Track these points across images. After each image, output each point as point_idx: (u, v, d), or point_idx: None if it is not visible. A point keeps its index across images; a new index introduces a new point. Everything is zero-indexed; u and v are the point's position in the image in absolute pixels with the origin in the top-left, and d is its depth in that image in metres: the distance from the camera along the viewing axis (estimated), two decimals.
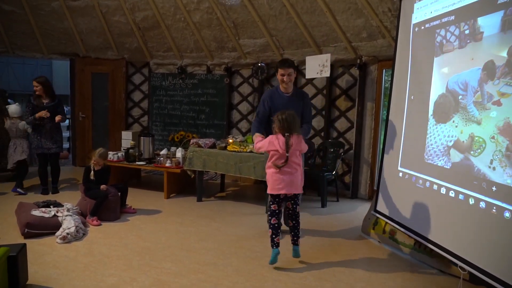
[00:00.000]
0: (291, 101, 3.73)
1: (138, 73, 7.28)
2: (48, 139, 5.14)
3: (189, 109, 6.95)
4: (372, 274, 3.14)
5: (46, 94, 5.13)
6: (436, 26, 3.11)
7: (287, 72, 3.66)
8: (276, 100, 3.78)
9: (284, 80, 3.69)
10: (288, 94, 3.78)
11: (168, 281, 2.89)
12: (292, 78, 3.73)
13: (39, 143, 5.13)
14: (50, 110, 5.03)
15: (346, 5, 4.97)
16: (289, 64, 3.71)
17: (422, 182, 3.18)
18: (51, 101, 5.15)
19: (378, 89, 5.45)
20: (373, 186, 5.47)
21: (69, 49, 7.00)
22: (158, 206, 4.89)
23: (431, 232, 3.02)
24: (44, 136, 5.12)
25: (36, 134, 5.12)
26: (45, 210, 3.96)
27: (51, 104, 5.12)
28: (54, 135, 5.18)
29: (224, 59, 6.57)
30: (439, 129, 3.02)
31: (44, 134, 5.11)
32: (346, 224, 4.45)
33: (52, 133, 5.16)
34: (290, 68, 3.67)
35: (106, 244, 3.58)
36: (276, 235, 3.15)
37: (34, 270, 2.93)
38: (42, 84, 5.08)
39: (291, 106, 3.58)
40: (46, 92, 5.12)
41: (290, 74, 3.68)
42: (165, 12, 6.14)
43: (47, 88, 5.14)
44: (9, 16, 6.35)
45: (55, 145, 5.21)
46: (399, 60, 3.73)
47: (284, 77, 3.68)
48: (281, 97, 3.78)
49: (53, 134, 5.17)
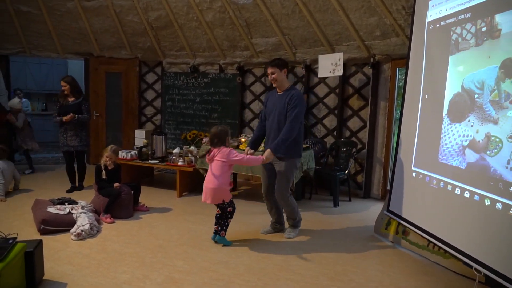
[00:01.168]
0: (278, 99, 3.68)
1: (151, 72, 7.34)
2: (73, 137, 5.22)
3: (201, 108, 6.98)
4: (384, 274, 3.11)
5: (72, 93, 5.23)
6: (452, 23, 3.06)
7: (270, 71, 3.64)
8: (270, 99, 3.80)
9: (270, 79, 3.69)
10: (279, 93, 3.72)
11: (180, 279, 2.92)
12: (277, 77, 3.62)
13: (65, 141, 5.23)
14: (75, 108, 5.15)
15: (359, 3, 4.93)
16: (274, 63, 3.63)
17: (436, 182, 3.14)
18: (76, 99, 5.24)
19: (392, 88, 5.39)
20: (386, 186, 5.42)
21: (83, 49, 7.09)
22: (170, 204, 4.92)
23: (445, 233, 2.98)
24: (69, 134, 5.21)
25: (62, 133, 5.23)
26: (60, 207, 4.03)
27: (76, 102, 5.20)
28: (78, 132, 5.26)
29: (236, 58, 6.58)
30: (454, 129, 2.97)
31: (69, 132, 5.20)
32: (359, 224, 4.42)
33: (77, 130, 5.24)
34: (273, 68, 3.61)
35: (119, 241, 3.63)
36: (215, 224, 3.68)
37: (50, 266, 2.99)
38: (69, 84, 5.20)
39: (277, 104, 3.66)
40: (73, 91, 5.23)
41: (273, 73, 3.61)
42: (178, 11, 6.17)
43: (74, 87, 5.25)
44: (26, 16, 6.47)
45: (80, 143, 5.29)
46: (413, 58, 3.68)
47: (269, 76, 3.67)
48: (274, 97, 3.77)
49: (78, 131, 5.25)
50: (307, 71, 6.08)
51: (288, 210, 3.83)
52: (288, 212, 3.86)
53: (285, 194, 3.72)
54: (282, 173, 3.67)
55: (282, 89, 3.69)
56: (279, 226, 4.00)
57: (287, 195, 3.73)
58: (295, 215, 3.87)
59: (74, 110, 5.13)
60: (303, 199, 5.39)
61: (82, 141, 5.31)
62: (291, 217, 3.89)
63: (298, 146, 3.70)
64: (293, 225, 3.93)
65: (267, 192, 3.88)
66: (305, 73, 6.11)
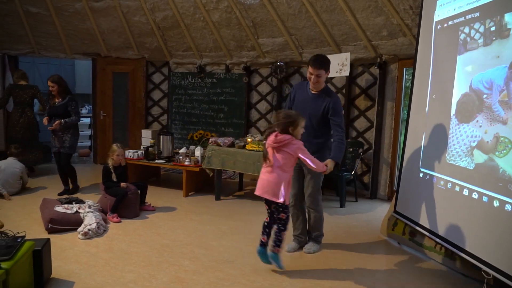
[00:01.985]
0: (313, 100, 3.34)
1: (158, 72, 7.37)
2: (57, 139, 4.98)
3: (208, 108, 6.99)
4: (391, 276, 3.10)
5: (59, 93, 4.93)
6: (460, 23, 3.04)
7: (316, 73, 3.21)
8: (300, 94, 3.43)
9: (311, 80, 3.28)
10: (314, 92, 3.36)
11: (186, 278, 2.92)
12: (321, 80, 3.25)
13: (53, 142, 5.06)
14: (61, 110, 4.88)
15: (366, 3, 4.90)
16: (321, 64, 3.21)
17: (444, 183, 3.11)
18: (63, 100, 4.93)
19: (399, 88, 5.36)
20: (392, 187, 5.39)
21: (91, 49, 7.14)
22: (176, 204, 4.94)
23: (453, 235, 2.95)
24: (55, 135, 4.99)
25: (51, 133, 5.03)
26: (67, 206, 4.06)
27: (62, 103, 4.91)
28: (63, 134, 4.96)
29: (243, 58, 6.59)
30: (462, 129, 2.95)
31: (55, 133, 4.96)
32: (365, 224, 4.40)
33: (61, 133, 4.95)
34: (321, 70, 3.20)
35: (126, 240, 3.65)
36: (263, 234, 3.06)
37: (58, 264, 3.01)
38: (57, 83, 4.89)
39: (311, 105, 3.33)
40: (60, 91, 4.92)
41: (320, 76, 3.22)
42: (185, 11, 6.19)
43: (62, 87, 4.93)
44: (35, 17, 6.52)
45: (63, 145, 4.99)
46: (420, 58, 3.66)
47: (312, 77, 3.25)
48: (306, 94, 3.39)
49: (62, 134, 4.96)
50: None
51: (317, 217, 3.48)
52: (316, 221, 3.50)
53: (319, 198, 3.45)
54: (317, 175, 3.35)
55: (319, 89, 3.34)
56: (304, 239, 3.59)
57: (320, 200, 3.47)
58: (321, 226, 3.55)
59: (60, 112, 4.86)
60: None
61: (65, 142, 4.98)
62: (317, 228, 3.53)
63: (328, 150, 3.38)
64: (316, 238, 3.56)
65: (298, 197, 3.51)
66: None
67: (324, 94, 3.33)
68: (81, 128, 8.89)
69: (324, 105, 3.28)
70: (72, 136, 5.04)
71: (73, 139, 5.06)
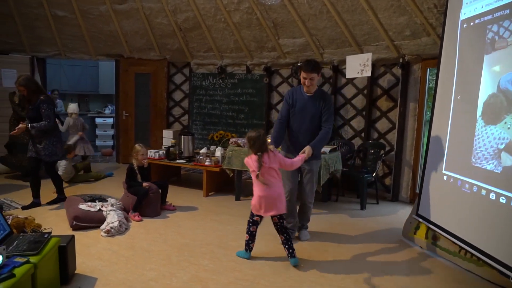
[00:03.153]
0: (310, 101, 3.60)
1: (179, 73, 7.46)
2: (38, 145, 4.43)
3: (228, 108, 7.03)
4: (413, 280, 3.04)
5: (30, 96, 4.37)
6: (488, 21, 2.95)
7: (309, 76, 3.47)
8: (297, 99, 3.66)
9: (305, 84, 3.54)
10: (309, 94, 3.62)
11: (205, 277, 2.94)
12: (314, 82, 3.55)
13: (30, 146, 4.52)
14: (34, 114, 4.34)
15: (389, 3, 4.83)
16: (313, 68, 3.48)
17: (469, 187, 3.03)
18: (34, 102, 4.36)
19: (422, 89, 5.26)
20: (415, 189, 5.28)
21: (114, 51, 7.29)
22: (197, 203, 4.98)
23: (479, 240, 2.87)
24: (35, 141, 4.45)
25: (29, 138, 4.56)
26: (91, 204, 4.16)
27: (34, 106, 4.35)
28: (37, 141, 4.42)
29: (263, 59, 6.59)
30: (488, 131, 2.86)
31: (35, 138, 4.45)
32: (386, 227, 4.33)
33: (42, 138, 4.41)
34: (313, 73, 3.48)
35: (147, 239, 3.70)
36: (252, 241, 3.34)
37: (81, 260, 3.08)
38: (25, 86, 4.32)
39: (309, 106, 3.59)
40: (30, 94, 4.36)
41: (313, 79, 3.50)
42: (206, 13, 6.24)
43: (31, 89, 4.36)
44: (62, 20, 6.71)
45: (40, 154, 4.43)
46: (445, 58, 3.58)
47: (306, 81, 3.51)
48: (302, 97, 3.64)
49: (37, 140, 4.42)
50: (334, 72, 6.01)
51: (310, 209, 3.86)
52: (309, 213, 3.87)
53: (313, 193, 3.79)
54: (314, 172, 3.70)
55: (312, 91, 3.61)
56: (294, 230, 3.88)
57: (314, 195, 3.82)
58: (310, 216, 3.92)
59: (33, 116, 4.32)
60: (330, 201, 5.33)
61: (43, 150, 4.41)
62: (308, 219, 3.91)
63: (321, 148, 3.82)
64: (307, 226, 3.96)
65: (293, 193, 3.76)
66: (332, 74, 6.04)
67: (319, 95, 3.63)
68: (104, 128, 9.20)
69: (321, 104, 3.59)
70: (49, 143, 4.44)
71: (50, 145, 4.45)
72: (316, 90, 3.64)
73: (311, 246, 3.67)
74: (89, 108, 10.08)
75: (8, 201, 4.69)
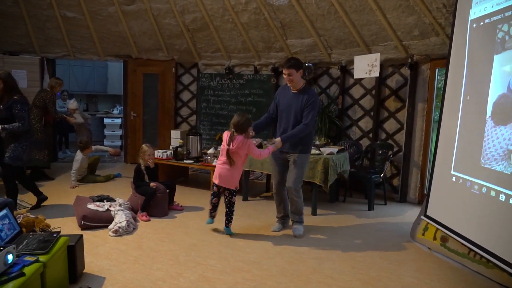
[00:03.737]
0: (293, 98, 3.79)
1: (187, 74, 7.49)
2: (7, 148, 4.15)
3: (236, 109, 7.03)
4: (421, 282, 3.01)
5: (6, 93, 4.09)
6: (498, 21, 2.92)
7: (287, 72, 3.69)
8: (283, 95, 3.90)
9: (287, 80, 3.76)
10: (294, 91, 3.80)
11: (213, 278, 2.95)
12: (294, 78, 3.70)
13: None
14: (7, 113, 4.06)
15: (397, 3, 4.80)
16: (290, 64, 3.67)
17: (478, 188, 3.00)
18: (7, 102, 4.08)
19: (430, 89, 5.22)
20: (423, 190, 5.24)
21: (122, 51, 7.34)
22: (204, 204, 4.98)
23: (488, 242, 2.83)
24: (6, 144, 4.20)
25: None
26: (99, 204, 4.19)
27: (7, 105, 4.07)
28: (8, 142, 4.16)
29: (271, 59, 6.59)
30: (498, 132, 2.83)
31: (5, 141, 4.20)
32: (394, 228, 4.30)
33: (11, 140, 4.15)
34: (290, 69, 3.66)
35: (155, 239, 3.72)
36: (213, 211, 3.92)
37: (90, 260, 3.11)
38: (4, 81, 4.04)
39: (292, 102, 3.77)
40: (7, 91, 4.08)
41: (291, 75, 3.67)
42: (214, 13, 6.26)
43: (8, 85, 4.09)
44: (71, 22, 6.78)
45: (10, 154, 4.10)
46: (454, 58, 3.55)
47: (285, 77, 3.74)
48: (287, 94, 3.85)
49: (8, 141, 4.16)
50: (342, 72, 5.99)
51: (297, 202, 3.89)
52: (296, 206, 3.91)
53: (298, 186, 3.85)
54: (298, 164, 3.79)
55: (297, 88, 3.79)
56: (286, 220, 4.14)
57: (300, 188, 3.86)
58: (302, 210, 3.96)
59: (4, 117, 4.04)
60: (337, 202, 5.31)
61: (9, 152, 4.09)
62: (298, 212, 3.95)
63: (310, 144, 3.97)
64: (299, 221, 3.98)
65: (279, 186, 4.00)
66: (340, 74, 6.02)
67: (303, 91, 3.78)
68: (112, 128, 9.28)
69: (303, 100, 3.73)
70: (19, 146, 4.12)
71: (19, 149, 4.13)
72: (302, 87, 3.79)
73: (318, 246, 3.66)
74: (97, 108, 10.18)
75: (18, 201, 4.74)
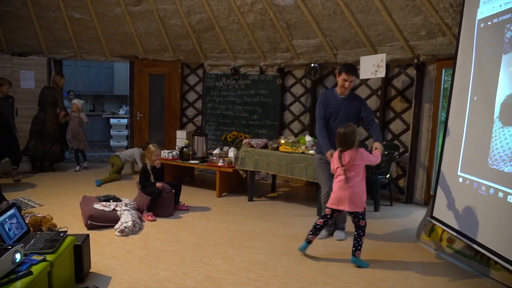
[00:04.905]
0: (345, 102, 3.82)
1: (193, 74, 7.51)
2: None
3: (241, 109, 7.04)
4: (427, 283, 3.00)
5: None
6: (506, 20, 2.90)
7: (350, 79, 3.74)
8: (332, 101, 3.87)
9: (345, 86, 3.77)
10: (343, 96, 3.85)
11: (219, 278, 2.96)
12: (352, 84, 3.84)
13: None
14: None
15: (404, 3, 4.78)
16: (354, 71, 3.81)
17: (485, 189, 2.98)
18: None
19: (437, 89, 5.18)
20: (429, 191, 5.21)
21: (129, 52, 7.38)
22: (210, 204, 5.01)
23: (496, 243, 2.81)
24: None
25: None
26: (105, 204, 4.21)
27: None
28: None
29: (277, 60, 6.59)
30: (506, 132, 2.81)
31: None
32: (400, 229, 4.28)
33: None
34: (353, 76, 3.77)
35: (160, 239, 3.74)
36: (312, 234, 3.39)
37: (96, 259, 3.13)
38: None
39: (345, 107, 3.80)
40: None
41: (352, 81, 3.79)
42: (220, 14, 6.27)
43: None
44: (79, 23, 6.84)
45: None
46: (461, 58, 3.53)
47: (345, 83, 3.75)
48: (336, 99, 3.86)
49: None
50: None
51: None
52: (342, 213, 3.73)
53: None
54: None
55: (346, 94, 3.86)
56: (332, 227, 4.02)
57: None
58: (346, 218, 3.95)
59: None
60: None
61: None
62: (344, 219, 3.97)
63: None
64: (343, 228, 4.01)
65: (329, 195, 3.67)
66: None
67: (352, 97, 3.89)
68: (118, 128, 9.33)
69: (356, 106, 3.82)
70: None
71: None
72: (349, 93, 3.89)
73: (324, 247, 3.65)
74: (104, 108, 10.23)
75: (26, 200, 4.79)
